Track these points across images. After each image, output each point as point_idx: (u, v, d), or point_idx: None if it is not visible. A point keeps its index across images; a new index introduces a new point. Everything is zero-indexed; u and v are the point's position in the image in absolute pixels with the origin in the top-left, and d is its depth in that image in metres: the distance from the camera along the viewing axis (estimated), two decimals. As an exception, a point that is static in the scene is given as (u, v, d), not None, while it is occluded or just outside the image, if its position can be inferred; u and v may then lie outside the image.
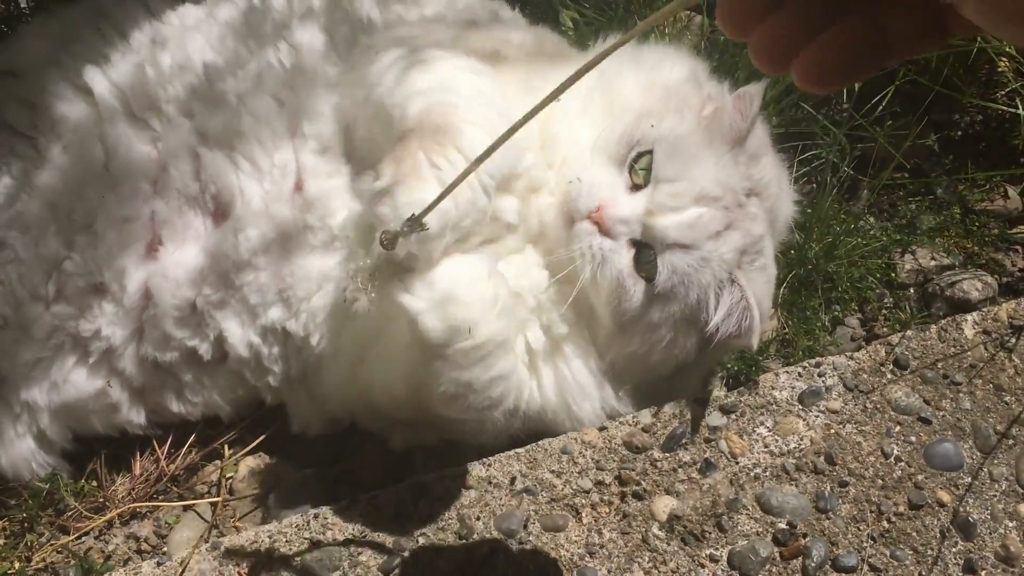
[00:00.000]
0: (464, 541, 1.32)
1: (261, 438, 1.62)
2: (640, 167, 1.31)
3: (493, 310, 1.20)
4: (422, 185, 1.15)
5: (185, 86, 1.44)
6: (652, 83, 1.38)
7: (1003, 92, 1.96)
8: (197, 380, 1.49)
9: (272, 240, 1.38)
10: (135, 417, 1.51)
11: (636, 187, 1.31)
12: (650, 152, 1.30)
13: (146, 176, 1.40)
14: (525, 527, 1.34)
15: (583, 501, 1.37)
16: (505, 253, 1.37)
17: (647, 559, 1.32)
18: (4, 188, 1.43)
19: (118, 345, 1.43)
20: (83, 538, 1.52)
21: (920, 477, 1.40)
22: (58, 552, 1.48)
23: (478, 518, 1.34)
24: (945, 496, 1.39)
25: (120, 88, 1.43)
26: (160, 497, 1.58)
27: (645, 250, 1.29)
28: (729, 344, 1.34)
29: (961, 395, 1.49)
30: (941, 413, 1.47)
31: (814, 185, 1.83)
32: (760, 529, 1.35)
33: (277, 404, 1.58)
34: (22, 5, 1.86)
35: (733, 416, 1.46)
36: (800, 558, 1.32)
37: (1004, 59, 1.95)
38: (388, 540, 1.32)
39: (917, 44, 0.56)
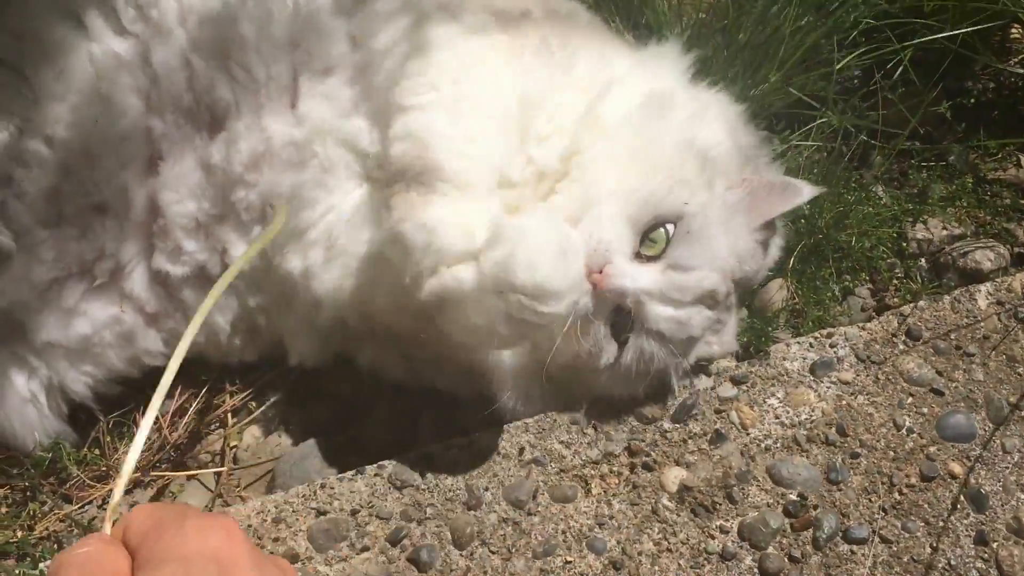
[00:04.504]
0: (472, 511, 1.31)
1: (265, 406, 1.61)
2: (652, 238, 1.28)
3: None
4: (430, 210, 1.20)
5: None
6: (690, 145, 1.31)
7: (1016, 59, 1.93)
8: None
9: (262, 155, 1.38)
10: (152, 344, 1.50)
11: (639, 255, 1.28)
12: (668, 224, 1.27)
13: (137, 91, 1.39)
14: (534, 498, 1.33)
15: (592, 472, 1.36)
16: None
17: (657, 530, 1.31)
18: (4, 125, 1.41)
19: (125, 263, 1.43)
20: (86, 507, 1.51)
21: (932, 449, 1.39)
22: (61, 521, 1.47)
23: (486, 488, 1.33)
24: (957, 468, 1.38)
25: (109, 5, 1.41)
26: (164, 466, 1.56)
27: (623, 315, 1.28)
28: None
29: (974, 366, 1.48)
30: (954, 384, 1.46)
31: (825, 154, 1.80)
32: (771, 500, 1.34)
33: (275, 341, 1.55)
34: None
35: (744, 387, 1.44)
36: (811, 529, 1.31)
37: (1018, 25, 1.91)
38: (395, 510, 1.31)
39: None
